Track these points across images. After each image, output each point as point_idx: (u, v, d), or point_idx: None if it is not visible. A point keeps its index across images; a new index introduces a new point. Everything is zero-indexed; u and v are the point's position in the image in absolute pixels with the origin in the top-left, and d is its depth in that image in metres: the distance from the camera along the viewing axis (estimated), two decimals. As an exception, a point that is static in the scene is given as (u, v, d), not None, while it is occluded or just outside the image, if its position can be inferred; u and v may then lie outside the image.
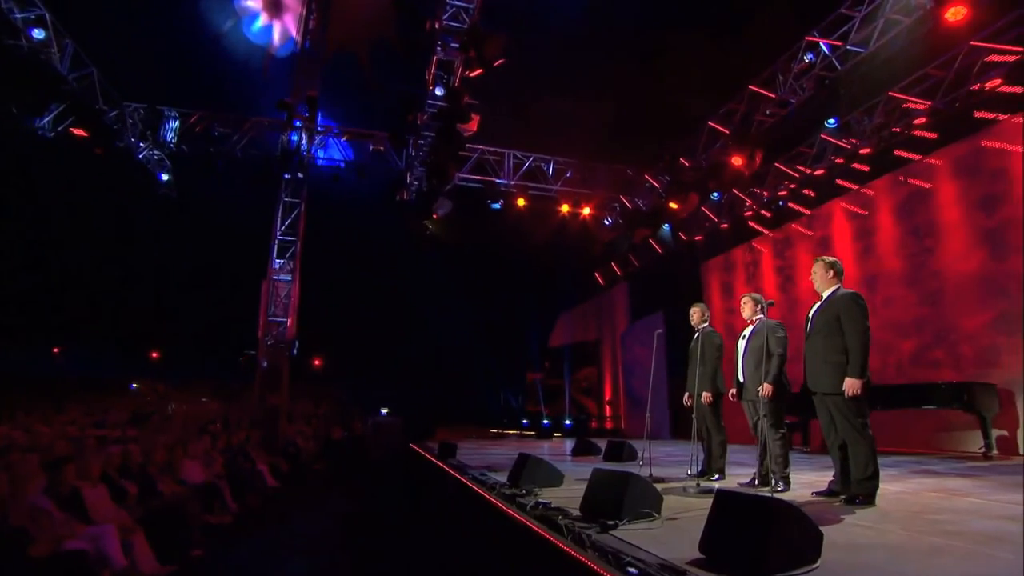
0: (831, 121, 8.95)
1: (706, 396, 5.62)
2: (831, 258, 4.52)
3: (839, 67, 8.53)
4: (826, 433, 4.43)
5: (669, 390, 12.98)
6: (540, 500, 4.26)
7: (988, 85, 7.80)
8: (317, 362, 23.11)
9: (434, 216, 13.21)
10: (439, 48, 9.59)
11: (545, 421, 15.78)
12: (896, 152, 9.43)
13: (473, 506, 5.20)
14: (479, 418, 17.61)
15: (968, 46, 7.85)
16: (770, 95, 9.59)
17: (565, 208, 14.23)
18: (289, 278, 13.08)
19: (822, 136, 10.07)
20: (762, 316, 5.20)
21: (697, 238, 13.65)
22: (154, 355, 21.99)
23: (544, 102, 13.18)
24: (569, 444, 11.93)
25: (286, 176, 12.81)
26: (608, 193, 14.25)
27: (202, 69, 11.92)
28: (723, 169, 10.86)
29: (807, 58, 8.72)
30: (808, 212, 10.96)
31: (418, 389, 17.20)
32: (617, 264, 16.49)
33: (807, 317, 4.52)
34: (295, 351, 12.75)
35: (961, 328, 7.93)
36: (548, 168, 13.89)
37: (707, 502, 4.17)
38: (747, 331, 5.24)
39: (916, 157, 9.12)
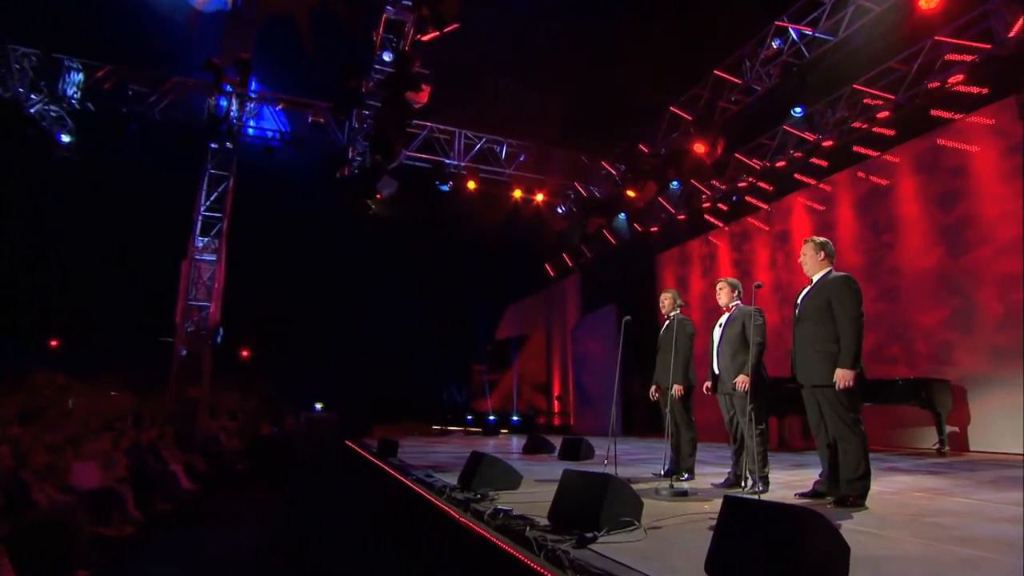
0: (797, 109, 8.88)
1: (677, 389, 5.29)
2: (822, 238, 4.23)
3: (807, 55, 8.44)
4: (815, 429, 4.15)
5: (622, 385, 12.78)
6: (499, 507, 3.75)
7: (951, 80, 7.87)
8: (245, 352, 21.74)
9: (378, 196, 12.42)
10: (388, 7, 8.87)
11: (491, 417, 15.32)
12: (855, 148, 9.51)
13: (419, 512, 4.64)
14: (421, 414, 16.95)
15: (932, 40, 7.89)
16: (736, 80, 9.44)
17: (518, 193, 13.77)
18: (214, 258, 11.99)
19: (784, 128, 10.02)
20: (739, 303, 4.89)
21: (653, 229, 13.51)
22: (53, 343, 19.98)
23: (499, 81, 12.67)
24: (518, 441, 11.51)
25: (212, 146, 11.71)
26: (562, 180, 13.89)
27: (114, 17, 10.67)
28: (684, 156, 10.68)
29: (775, 44, 8.59)
30: (767, 206, 10.95)
31: (356, 383, 16.34)
32: (569, 254, 16.19)
33: (796, 302, 4.22)
34: (219, 339, 11.70)
35: (917, 325, 8.01)
36: (501, 151, 13.38)
37: (685, 506, 3.84)
38: (723, 319, 4.92)
39: (874, 153, 9.21)
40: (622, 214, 13.37)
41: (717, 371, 4.80)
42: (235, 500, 8.23)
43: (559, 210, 14.72)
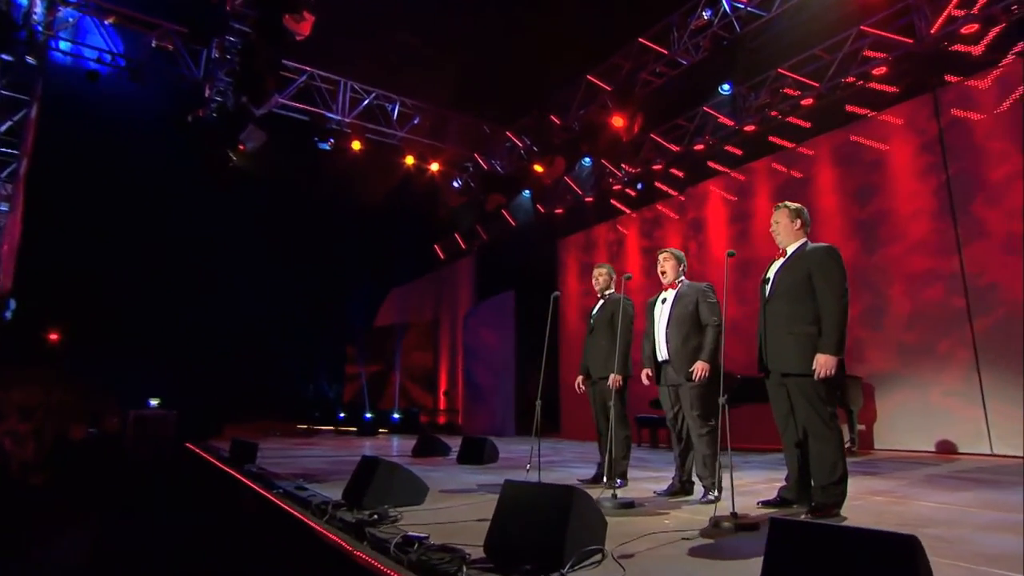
0: (726, 86, 8.80)
1: (616, 379, 4.71)
2: (796, 204, 3.85)
3: (738, 29, 8.34)
4: (781, 427, 3.74)
5: (516, 379, 12.27)
6: (410, 533, 2.89)
7: (875, 72, 8.12)
8: (54, 335, 18.38)
9: (240, 148, 10.80)
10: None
11: (368, 414, 14.12)
12: (770, 138, 9.68)
13: (290, 541, 3.63)
14: (284, 411, 15.26)
15: (857, 30, 8.10)
16: (661, 51, 9.19)
17: (410, 160, 12.73)
18: (6, 208, 9.67)
19: (705, 109, 9.98)
20: (684, 278, 4.42)
21: (557, 211, 13.11)
22: None
23: (396, 31, 11.54)
24: (401, 442, 10.55)
25: (3, 57, 9.35)
26: (461, 149, 13.05)
27: None
28: (599, 131, 10.32)
29: (705, 15, 8.41)
30: (680, 194, 10.92)
31: (203, 374, 14.28)
32: (462, 235, 15.42)
33: (764, 278, 3.77)
34: (9, 314, 9.45)
35: (828, 319, 8.22)
36: (392, 110, 12.25)
37: (642, 523, 3.23)
38: (667, 295, 4.40)
39: (790, 145, 9.41)
40: (526, 192, 12.84)
41: (663, 357, 4.27)
42: (21, 525, 6.47)
43: (455, 183, 13.88)
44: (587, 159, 11.46)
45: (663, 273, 4.45)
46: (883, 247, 7.81)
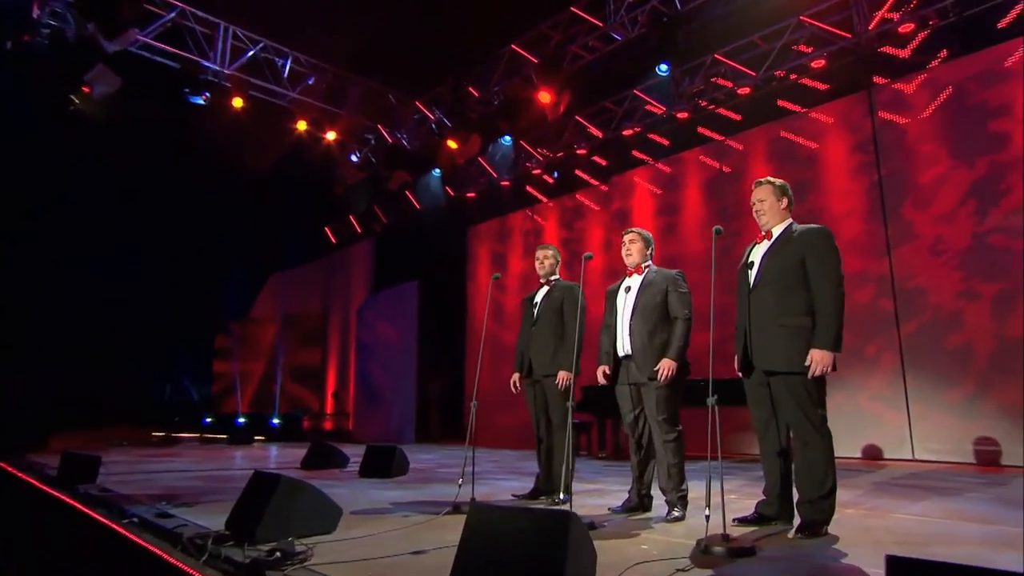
0: (663, 67, 8.68)
1: (564, 376, 4.28)
2: (780, 180, 3.59)
3: (679, 7, 8.24)
4: (761, 432, 3.48)
5: (418, 380, 11.60)
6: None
7: (813, 65, 8.32)
8: None
9: (85, 90, 9.32)
10: None
11: (240, 419, 12.79)
12: (700, 130, 9.76)
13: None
14: (133, 415, 13.47)
15: (797, 20, 8.26)
16: (596, 23, 8.92)
17: (302, 126, 11.66)
18: None
19: (635, 92, 9.86)
20: (651, 263, 4.07)
21: (469, 195, 12.57)
22: None
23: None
24: (280, 451, 9.54)
25: None
26: (362, 118, 12.15)
27: None
28: (523, 107, 9.92)
29: (645, -14, 8.24)
30: (604, 180, 10.78)
31: (25, 370, 12.21)
32: (359, 216, 14.48)
33: (747, 263, 3.48)
34: None
35: (756, 319, 8.33)
36: (283, 65, 11.15)
37: (614, 548, 2.78)
38: (631, 282, 4.03)
39: (719, 138, 9.52)
40: (435, 171, 12.19)
41: (626, 351, 3.87)
42: None
43: (353, 157, 12.95)
44: (506, 138, 11.02)
45: (628, 255, 4.06)
46: (814, 246, 7.99)
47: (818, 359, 3.10)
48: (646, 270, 4.01)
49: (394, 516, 3.71)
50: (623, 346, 3.90)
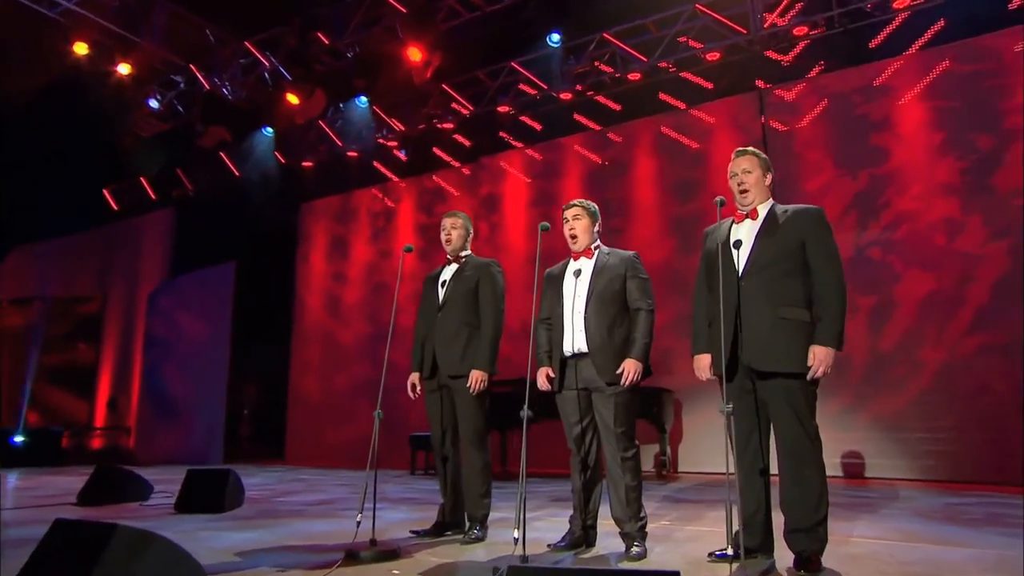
0: (555, 37, 8.42)
1: (478, 377, 3.73)
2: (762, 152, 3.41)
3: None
4: (741, 447, 3.21)
5: (230, 385, 10.22)
6: None
7: (709, 58, 8.58)
8: None
9: None
10: None
11: (-34, 436, 10.24)
12: (576, 117, 9.73)
13: None
14: None
15: (692, 8, 8.47)
16: (482, -25, 8.44)
17: (80, 50, 9.72)
18: None
19: (512, 64, 9.54)
20: (600, 242, 3.70)
21: (305, 164, 11.38)
22: None
23: None
24: (24, 481, 7.66)
25: None
26: (169, 54, 10.46)
27: None
28: (385, 63, 9.13)
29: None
30: (467, 161, 10.41)
31: None
32: (154, 179, 12.55)
33: (734, 242, 3.18)
34: None
35: (637, 325, 8.41)
36: (57, -34, 9.23)
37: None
38: (581, 265, 3.62)
39: (596, 127, 9.57)
40: (265, 130, 10.87)
41: (581, 349, 3.42)
42: None
43: (152, 102, 11.11)
44: (361, 100, 10.11)
45: (573, 238, 3.61)
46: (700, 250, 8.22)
47: (822, 358, 2.87)
48: (596, 251, 3.61)
49: (268, 573, 2.87)
50: (574, 343, 3.44)
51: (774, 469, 3.11)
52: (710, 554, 3.17)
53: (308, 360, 10.96)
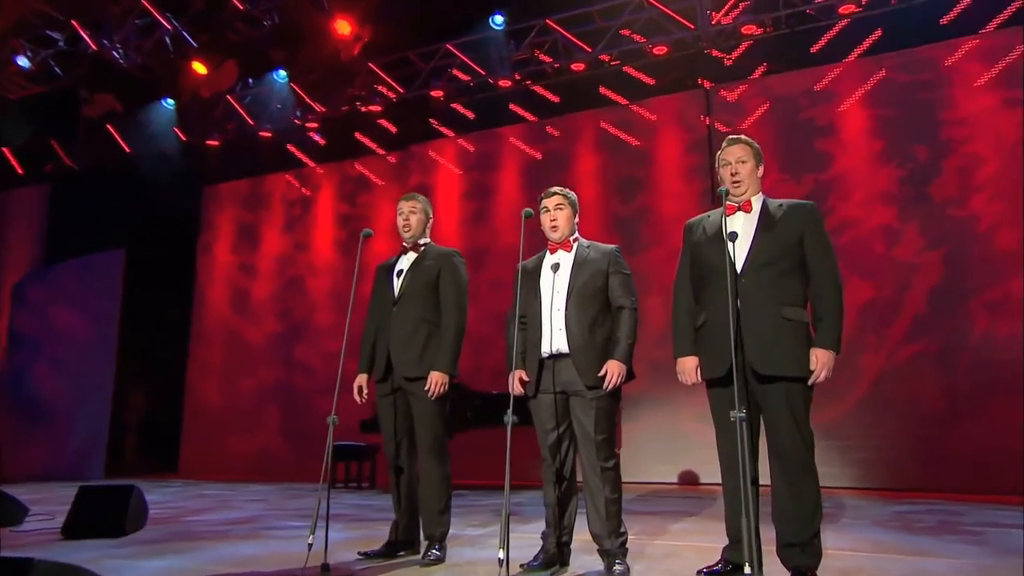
0: (498, 19, 8.22)
1: (438, 379, 3.49)
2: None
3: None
4: (731, 454, 3.09)
5: (116, 390, 9.41)
6: None
7: (656, 51, 8.63)
8: None
9: None
10: None
11: None
12: (511, 106, 9.61)
13: None
14: None
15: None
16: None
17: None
18: None
19: (448, 47, 9.28)
20: (579, 235, 3.56)
21: (211, 143, 10.63)
22: None
23: None
24: None
25: None
26: (44, 6, 9.50)
27: None
28: (307, 37, 8.67)
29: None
30: (398, 147, 10.07)
31: None
32: (20, 151, 11.43)
33: (728, 234, 3.05)
34: None
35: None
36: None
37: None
38: (559, 258, 3.47)
39: (533, 119, 9.49)
40: (166, 102, 10.09)
41: (561, 349, 3.25)
42: None
43: (22, 61, 10.06)
44: (279, 74, 9.54)
45: (553, 227, 3.45)
46: (644, 250, 8.23)
47: (824, 361, 2.84)
48: (575, 244, 3.46)
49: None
50: (553, 342, 3.26)
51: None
52: (699, 572, 3.06)
53: (208, 362, 10.22)
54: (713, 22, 8.26)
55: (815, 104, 7.90)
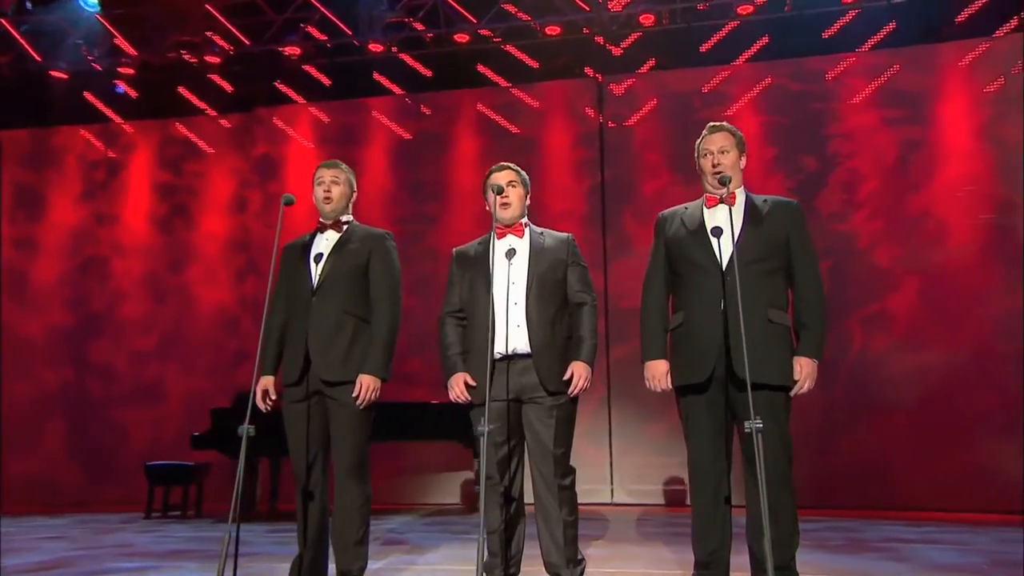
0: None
1: (369, 383, 3.10)
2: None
3: None
4: (704, 470, 2.99)
5: None
6: None
7: (548, 31, 8.44)
8: None
9: None
10: None
11: None
12: (377, 76, 9.09)
13: None
14: None
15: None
16: None
17: None
18: None
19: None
20: (529, 221, 3.37)
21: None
22: None
23: None
24: None
25: None
26: None
27: None
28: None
29: None
30: (239, 108, 9.19)
31: None
32: None
33: (712, 228, 2.96)
34: None
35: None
36: None
37: None
38: (513, 243, 3.18)
39: (400, 91, 9.05)
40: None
41: (520, 349, 2.94)
42: None
43: None
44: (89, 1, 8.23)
45: (505, 205, 3.23)
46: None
47: (809, 371, 2.88)
48: (527, 228, 3.28)
49: None
50: (507, 341, 3.04)
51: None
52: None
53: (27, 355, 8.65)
54: (611, 5, 8.24)
55: (708, 105, 8.07)
